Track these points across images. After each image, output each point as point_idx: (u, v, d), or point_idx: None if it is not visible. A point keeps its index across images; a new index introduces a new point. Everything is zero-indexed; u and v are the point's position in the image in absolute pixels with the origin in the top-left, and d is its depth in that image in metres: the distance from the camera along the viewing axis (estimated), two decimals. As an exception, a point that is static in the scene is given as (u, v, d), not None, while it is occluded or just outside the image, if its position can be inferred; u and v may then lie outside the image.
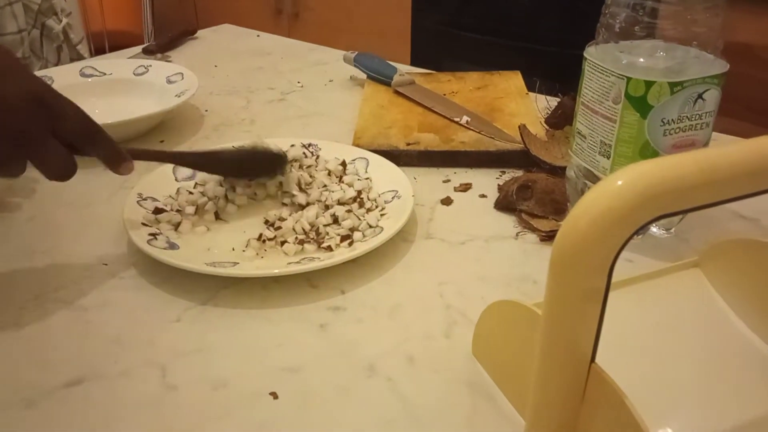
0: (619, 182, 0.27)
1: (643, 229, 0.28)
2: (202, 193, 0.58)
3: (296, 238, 0.53)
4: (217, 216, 0.56)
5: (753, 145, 0.30)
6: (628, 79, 0.48)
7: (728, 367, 0.40)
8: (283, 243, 0.52)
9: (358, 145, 0.68)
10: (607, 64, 0.49)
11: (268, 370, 0.42)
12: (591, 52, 0.52)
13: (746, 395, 0.37)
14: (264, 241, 0.52)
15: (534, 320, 0.34)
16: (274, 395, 0.40)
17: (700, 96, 0.48)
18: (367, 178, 0.61)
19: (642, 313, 0.43)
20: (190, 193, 0.58)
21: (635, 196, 0.27)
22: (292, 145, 0.64)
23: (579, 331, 0.30)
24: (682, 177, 0.28)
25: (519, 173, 0.65)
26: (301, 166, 0.61)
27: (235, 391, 0.40)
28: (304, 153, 0.64)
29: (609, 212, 0.27)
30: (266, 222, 0.55)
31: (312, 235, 0.53)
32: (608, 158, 0.51)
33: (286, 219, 0.54)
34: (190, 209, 0.56)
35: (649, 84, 0.47)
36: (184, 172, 0.62)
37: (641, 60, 0.49)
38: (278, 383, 0.41)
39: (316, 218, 0.54)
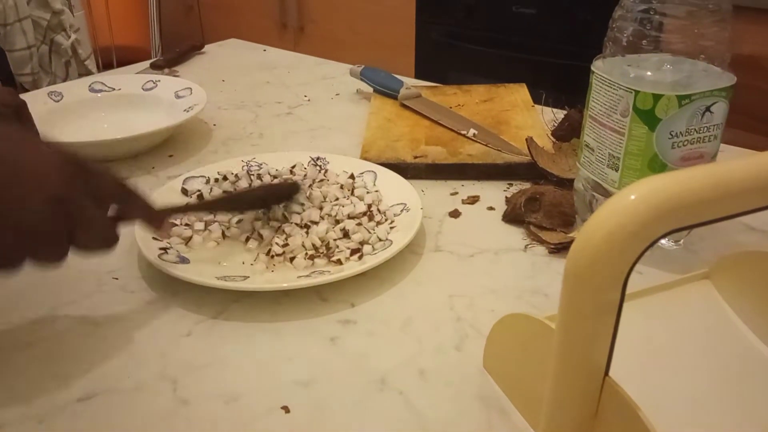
0: (633, 197, 0.27)
1: (655, 242, 0.28)
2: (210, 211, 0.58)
3: (306, 253, 0.53)
4: (224, 234, 0.56)
5: (765, 158, 0.30)
6: (636, 92, 0.48)
7: (740, 379, 0.39)
8: (292, 259, 0.52)
9: (365, 159, 0.68)
10: (614, 77, 0.50)
11: (280, 384, 0.42)
12: (598, 66, 0.52)
13: (759, 406, 0.37)
14: (273, 256, 0.53)
15: (547, 334, 0.35)
16: (286, 409, 0.40)
17: (707, 109, 0.49)
18: (376, 191, 0.61)
19: (653, 325, 0.43)
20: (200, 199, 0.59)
21: (649, 211, 0.27)
22: (294, 166, 0.64)
23: (593, 344, 0.30)
24: (695, 191, 0.28)
25: (526, 185, 0.66)
26: (312, 183, 0.61)
27: (246, 404, 0.40)
28: (312, 164, 0.64)
29: (623, 227, 0.27)
30: (259, 231, 0.55)
31: (322, 249, 0.53)
32: (617, 171, 0.51)
33: (293, 235, 0.54)
34: (200, 225, 0.56)
35: (657, 97, 0.48)
36: (194, 186, 0.62)
37: (649, 73, 0.50)
38: (290, 397, 0.41)
39: (326, 233, 0.54)
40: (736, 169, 0.29)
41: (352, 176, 0.63)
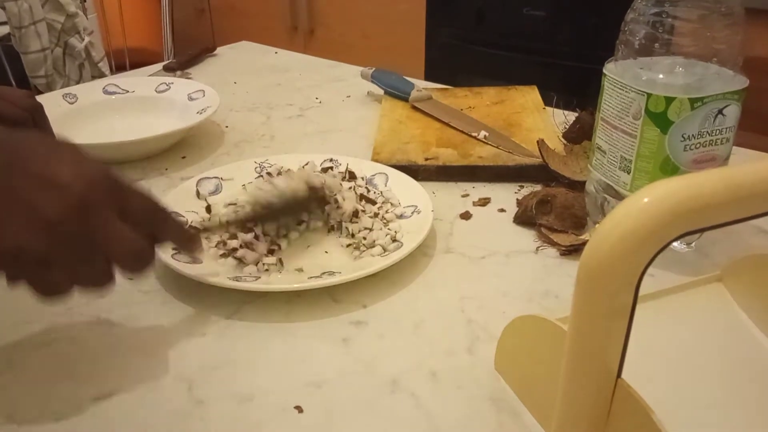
0: (646, 200, 0.28)
1: (668, 244, 0.28)
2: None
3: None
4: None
5: (777, 161, 0.30)
6: (648, 95, 0.48)
7: (753, 383, 0.39)
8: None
9: (377, 161, 0.68)
10: (626, 80, 0.50)
11: (293, 385, 0.42)
12: (610, 69, 0.52)
13: (772, 411, 0.37)
14: (267, 269, 0.52)
15: (559, 336, 0.35)
16: (299, 409, 0.40)
17: (720, 111, 0.49)
18: (388, 191, 0.62)
19: (665, 328, 0.43)
20: (208, 212, 0.59)
21: (662, 214, 0.27)
22: (306, 164, 0.65)
23: (606, 346, 0.30)
24: (708, 194, 0.28)
25: (537, 188, 0.66)
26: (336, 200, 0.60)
27: (260, 405, 0.41)
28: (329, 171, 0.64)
29: (636, 229, 0.27)
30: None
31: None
32: (629, 173, 0.51)
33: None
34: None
35: (669, 100, 0.48)
36: (207, 187, 0.63)
37: (661, 76, 0.50)
38: (302, 398, 0.41)
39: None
40: (750, 172, 0.29)
41: (353, 175, 0.63)
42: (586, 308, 0.29)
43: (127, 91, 0.85)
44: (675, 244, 0.56)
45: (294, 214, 0.56)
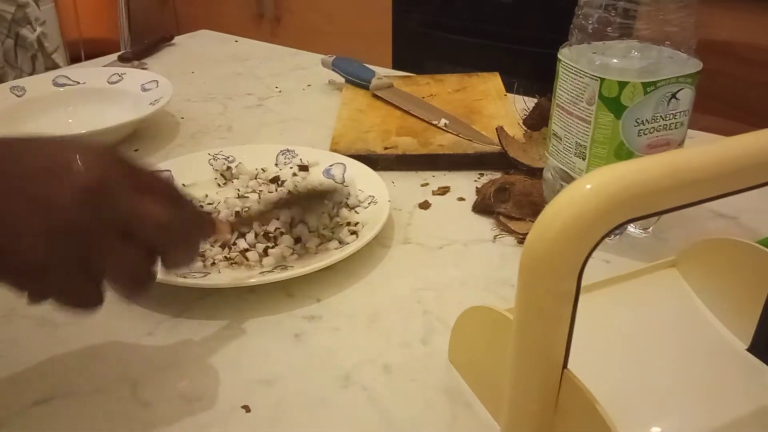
0: (588, 186, 0.27)
1: (615, 231, 0.28)
2: None
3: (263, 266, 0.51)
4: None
5: (722, 146, 0.29)
6: (602, 80, 0.48)
7: (706, 368, 0.39)
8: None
9: (335, 150, 0.67)
10: (580, 65, 0.49)
11: (243, 383, 0.41)
12: (565, 54, 0.51)
13: (724, 396, 0.37)
14: (213, 263, 0.50)
15: (506, 326, 0.34)
16: (246, 408, 0.39)
17: (673, 95, 0.48)
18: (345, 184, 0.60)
19: (619, 314, 0.42)
20: None
21: (604, 200, 0.27)
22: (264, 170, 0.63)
23: (550, 336, 0.29)
24: (651, 180, 0.27)
25: (497, 175, 0.65)
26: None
27: (208, 405, 0.39)
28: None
29: (578, 217, 0.26)
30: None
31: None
32: (584, 159, 0.51)
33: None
34: None
35: (622, 85, 0.47)
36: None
37: (615, 61, 0.49)
38: (253, 396, 0.40)
39: (283, 254, 0.52)
40: (693, 156, 0.29)
41: (306, 167, 0.62)
42: (530, 297, 0.29)
43: (78, 83, 0.82)
44: (631, 229, 0.56)
45: (314, 204, 0.54)
